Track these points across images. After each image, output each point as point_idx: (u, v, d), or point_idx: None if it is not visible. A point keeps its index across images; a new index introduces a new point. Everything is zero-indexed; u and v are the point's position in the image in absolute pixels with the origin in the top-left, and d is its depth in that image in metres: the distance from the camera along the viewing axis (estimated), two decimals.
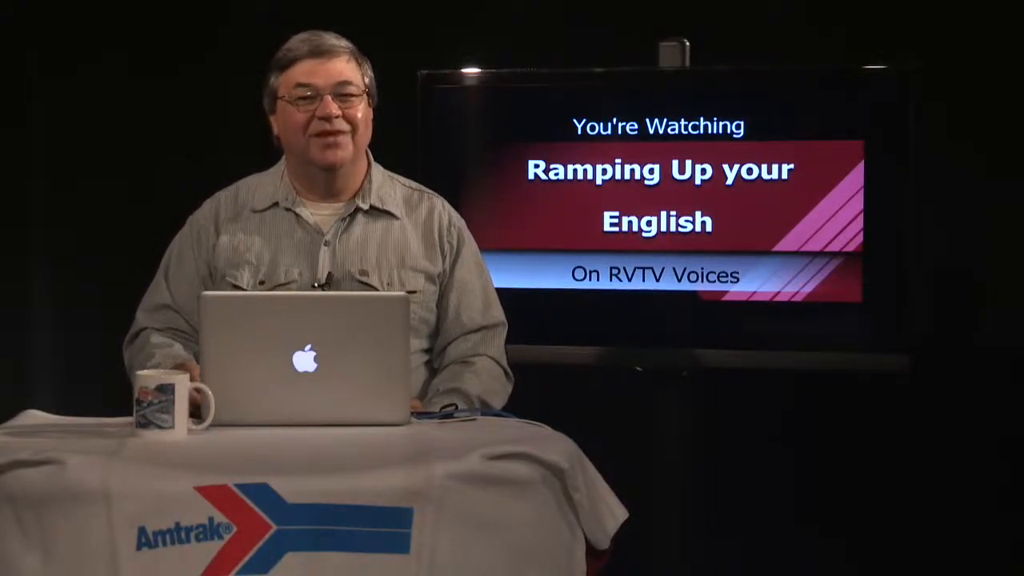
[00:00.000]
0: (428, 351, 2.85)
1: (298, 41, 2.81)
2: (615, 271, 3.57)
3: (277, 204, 2.84)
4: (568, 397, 3.63)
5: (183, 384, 2.26)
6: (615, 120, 3.57)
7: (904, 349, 3.44)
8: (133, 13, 4.11)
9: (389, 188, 2.88)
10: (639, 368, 3.61)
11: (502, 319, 2.91)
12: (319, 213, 2.83)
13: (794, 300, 3.50)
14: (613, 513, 2.24)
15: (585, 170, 3.59)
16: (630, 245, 3.56)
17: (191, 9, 4.13)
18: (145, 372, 2.31)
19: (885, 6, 3.80)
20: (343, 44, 2.81)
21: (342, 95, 2.76)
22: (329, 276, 2.78)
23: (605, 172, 3.58)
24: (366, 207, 2.83)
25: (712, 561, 3.80)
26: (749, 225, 3.52)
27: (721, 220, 3.53)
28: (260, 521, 2.03)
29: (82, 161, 4.13)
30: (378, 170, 2.89)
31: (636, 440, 3.63)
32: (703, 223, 3.54)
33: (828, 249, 3.48)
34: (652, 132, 3.56)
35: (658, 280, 3.55)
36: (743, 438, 3.89)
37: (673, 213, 3.55)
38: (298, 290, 2.75)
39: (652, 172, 3.56)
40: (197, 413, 2.33)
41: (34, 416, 2.44)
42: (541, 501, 2.14)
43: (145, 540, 2.01)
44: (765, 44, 3.78)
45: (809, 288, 3.49)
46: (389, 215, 2.85)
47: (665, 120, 3.55)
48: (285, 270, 2.79)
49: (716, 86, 3.58)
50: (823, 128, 3.49)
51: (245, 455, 2.18)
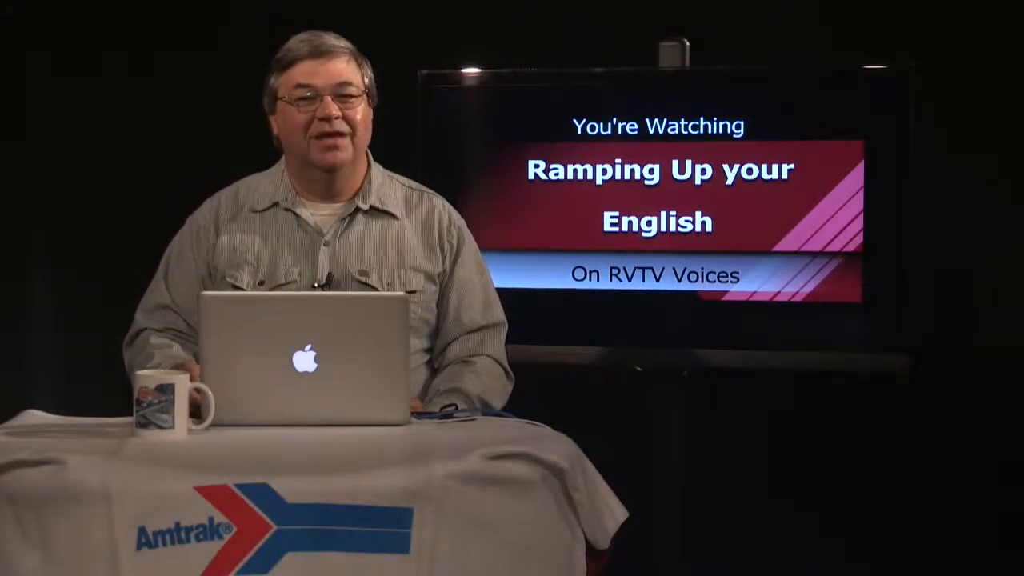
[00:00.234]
0: (428, 351, 2.85)
1: (298, 41, 2.80)
2: (615, 271, 3.57)
3: (277, 204, 2.83)
4: (568, 397, 3.63)
5: (183, 384, 2.26)
6: (615, 120, 3.57)
7: (904, 349, 3.44)
8: (133, 13, 4.11)
9: (389, 188, 2.88)
10: (639, 368, 3.61)
11: (502, 319, 2.91)
12: (319, 213, 2.83)
13: (794, 300, 3.49)
14: (613, 513, 2.24)
15: (585, 170, 3.58)
16: (630, 245, 3.56)
17: (191, 9, 4.13)
18: (145, 372, 2.31)
19: (885, 6, 3.80)
20: (343, 44, 2.81)
21: (342, 96, 2.76)
22: (329, 276, 2.78)
23: (605, 172, 3.58)
24: (366, 207, 2.83)
25: (712, 561, 3.79)
26: (749, 225, 3.52)
27: (721, 220, 3.53)
28: (260, 521, 2.03)
29: (82, 161, 4.13)
30: (378, 170, 2.89)
31: (636, 440, 3.63)
32: (703, 223, 3.54)
33: (828, 249, 3.48)
34: (652, 132, 3.56)
35: (658, 280, 3.55)
36: (743, 438, 3.89)
37: (673, 213, 3.55)
38: (298, 290, 2.74)
39: (652, 172, 3.56)
40: (197, 413, 2.32)
41: (34, 416, 2.44)
42: (541, 501, 2.14)
43: (145, 540, 2.01)
44: (765, 44, 3.78)
45: (809, 288, 3.49)
46: (389, 215, 2.85)
47: (665, 120, 3.55)
48: (285, 270, 2.79)
49: (716, 86, 3.58)
50: (823, 128, 3.49)
51: (245, 455, 2.18)
